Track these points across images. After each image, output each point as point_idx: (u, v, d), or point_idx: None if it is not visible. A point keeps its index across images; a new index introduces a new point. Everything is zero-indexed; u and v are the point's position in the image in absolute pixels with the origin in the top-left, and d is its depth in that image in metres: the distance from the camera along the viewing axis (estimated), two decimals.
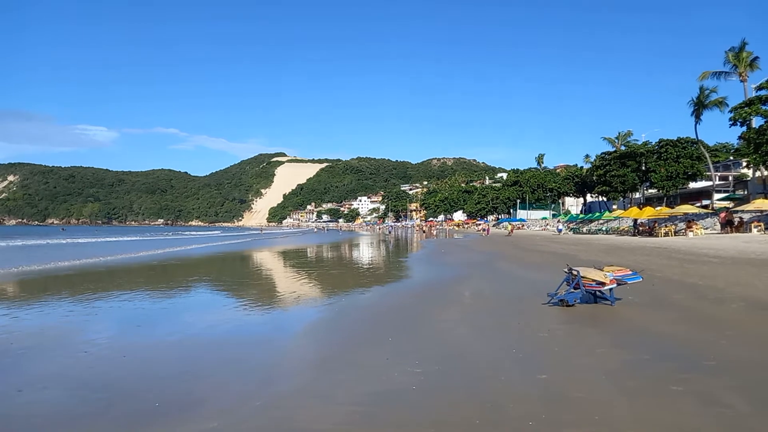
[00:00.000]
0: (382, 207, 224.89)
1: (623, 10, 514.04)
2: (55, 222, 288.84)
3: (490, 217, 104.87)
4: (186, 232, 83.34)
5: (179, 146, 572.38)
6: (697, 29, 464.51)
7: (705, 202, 51.76)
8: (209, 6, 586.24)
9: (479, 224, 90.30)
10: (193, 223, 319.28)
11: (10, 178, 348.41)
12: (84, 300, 11.54)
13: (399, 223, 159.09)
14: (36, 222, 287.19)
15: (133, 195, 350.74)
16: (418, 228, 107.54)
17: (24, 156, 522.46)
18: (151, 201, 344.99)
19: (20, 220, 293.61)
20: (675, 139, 55.47)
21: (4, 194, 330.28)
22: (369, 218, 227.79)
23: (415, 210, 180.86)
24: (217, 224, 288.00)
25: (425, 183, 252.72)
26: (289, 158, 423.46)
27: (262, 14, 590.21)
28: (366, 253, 33.43)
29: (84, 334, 8.26)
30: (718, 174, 60.44)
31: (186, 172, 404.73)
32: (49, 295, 12.64)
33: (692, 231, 33.33)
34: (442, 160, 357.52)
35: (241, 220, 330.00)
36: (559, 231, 55.83)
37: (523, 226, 75.04)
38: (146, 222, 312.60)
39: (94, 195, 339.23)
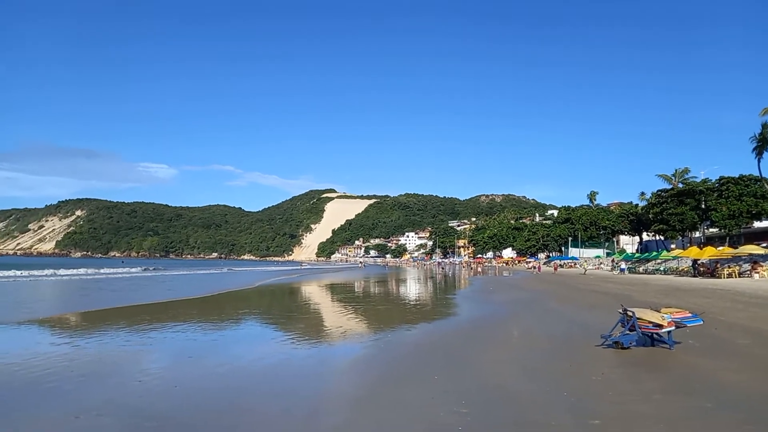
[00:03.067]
0: (430, 243, 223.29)
1: (676, 49, 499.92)
2: (117, 255, 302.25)
3: (541, 255, 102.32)
4: (228, 267, 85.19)
5: (234, 182, 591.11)
6: (754, 66, 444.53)
7: None
8: (260, 47, 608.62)
9: (529, 262, 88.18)
10: (246, 257, 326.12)
11: (78, 212, 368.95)
12: (140, 330, 11.97)
13: (446, 260, 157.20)
14: (99, 254, 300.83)
15: (189, 229, 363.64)
16: (465, 264, 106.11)
17: (91, 192, 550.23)
18: (206, 235, 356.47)
19: (85, 252, 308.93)
20: (737, 176, 52.97)
21: (71, 228, 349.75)
22: (416, 254, 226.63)
23: (463, 246, 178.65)
24: (267, 258, 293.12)
25: (473, 219, 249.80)
26: (339, 194, 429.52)
27: (311, 54, 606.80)
28: (413, 289, 33.19)
29: (138, 363, 8.57)
30: None
31: (240, 208, 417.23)
32: (108, 325, 13.20)
33: (758, 273, 31.41)
34: (490, 197, 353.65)
35: (291, 255, 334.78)
36: (622, 270, 50.92)
37: (575, 264, 72.42)
38: (201, 255, 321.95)
39: (153, 229, 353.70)
